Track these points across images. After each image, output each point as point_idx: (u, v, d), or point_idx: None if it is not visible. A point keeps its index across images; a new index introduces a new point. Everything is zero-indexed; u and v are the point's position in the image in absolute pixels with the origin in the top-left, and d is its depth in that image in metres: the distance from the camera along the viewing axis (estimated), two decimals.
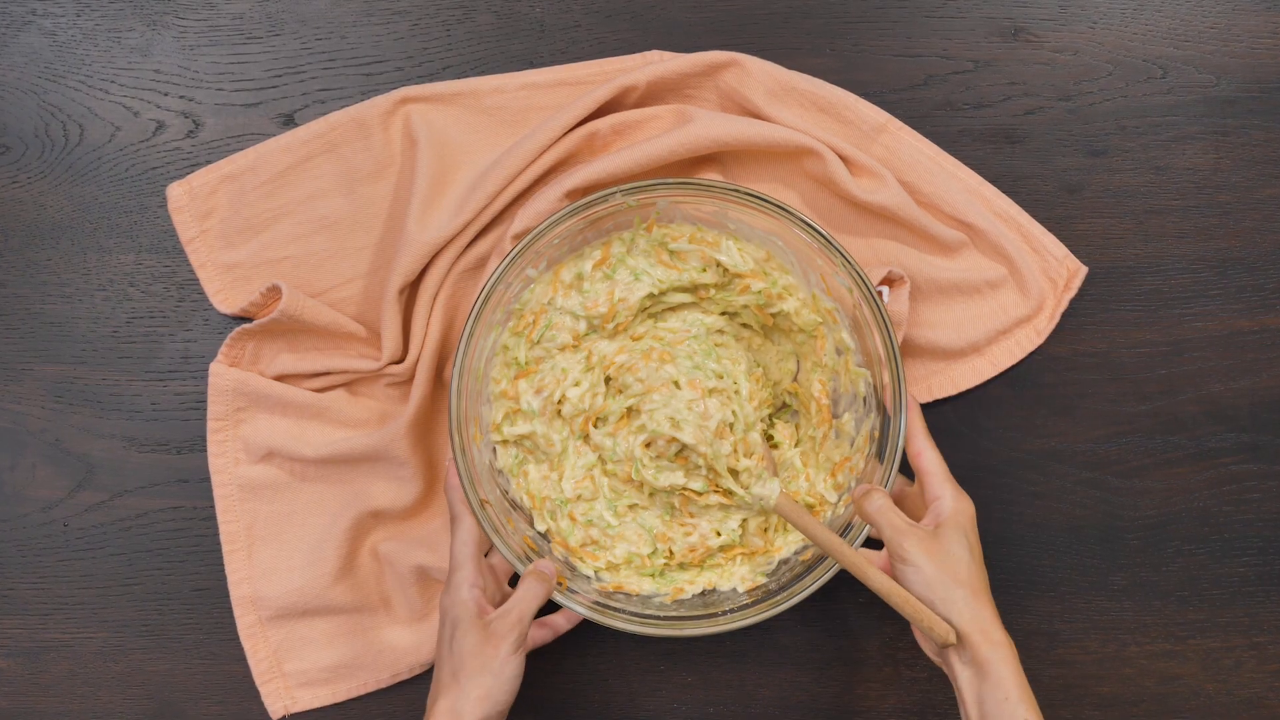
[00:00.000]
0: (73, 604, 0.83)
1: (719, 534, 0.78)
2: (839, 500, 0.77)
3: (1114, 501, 0.83)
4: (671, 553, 0.78)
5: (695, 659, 0.83)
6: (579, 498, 0.78)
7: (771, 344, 0.81)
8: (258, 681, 0.81)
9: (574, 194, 0.79)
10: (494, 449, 0.78)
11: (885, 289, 0.80)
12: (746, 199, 0.73)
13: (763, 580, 0.76)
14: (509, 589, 0.77)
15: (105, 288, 0.83)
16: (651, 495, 0.79)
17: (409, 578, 0.81)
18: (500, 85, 0.83)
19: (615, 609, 0.72)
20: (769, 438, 0.81)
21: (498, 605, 0.71)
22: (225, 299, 0.83)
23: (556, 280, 0.77)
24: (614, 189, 0.73)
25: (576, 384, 0.77)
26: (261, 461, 0.82)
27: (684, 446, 0.76)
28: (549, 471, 0.79)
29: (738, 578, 0.77)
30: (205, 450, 0.82)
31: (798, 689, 0.83)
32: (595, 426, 0.78)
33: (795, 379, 0.80)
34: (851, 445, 0.77)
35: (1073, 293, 0.83)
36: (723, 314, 0.80)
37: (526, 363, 0.77)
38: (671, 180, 0.73)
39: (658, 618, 0.73)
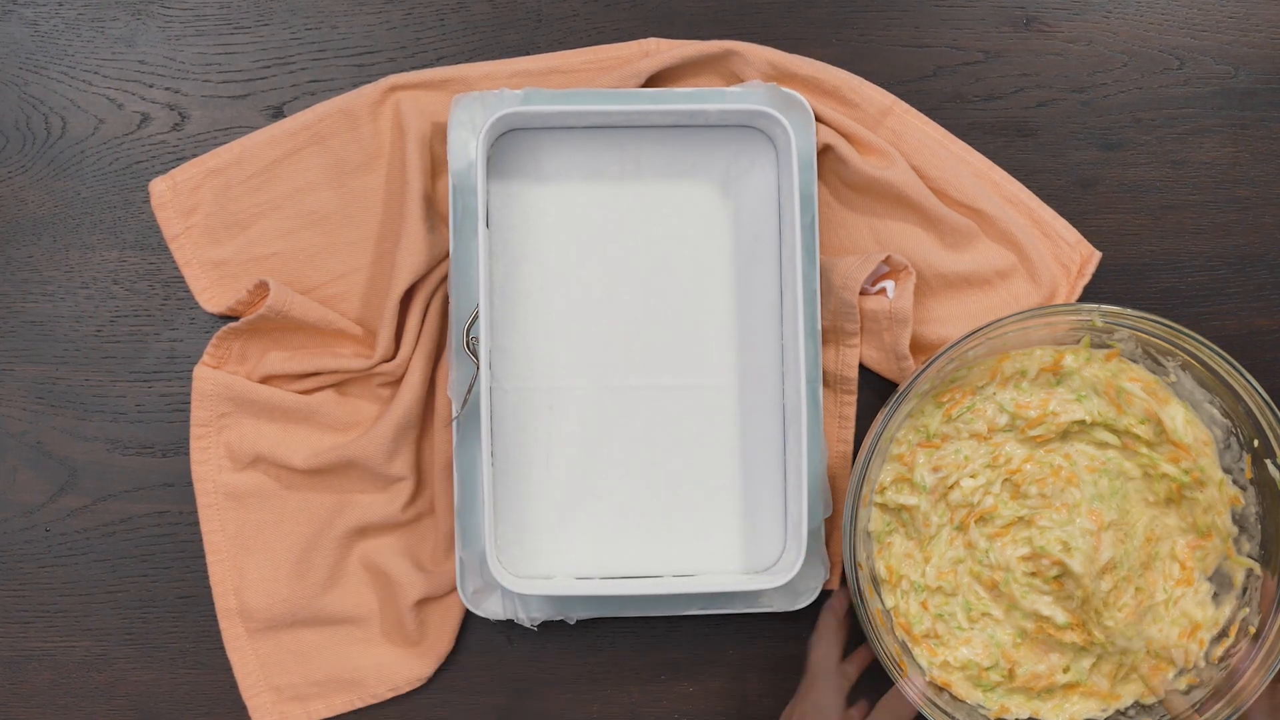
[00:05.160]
0: (54, 612, 0.81)
1: (1067, 670, 0.76)
2: (1181, 669, 0.75)
3: None
4: (1013, 674, 0.76)
5: (696, 668, 0.81)
6: (939, 589, 0.76)
7: (1167, 513, 0.77)
8: (245, 695, 0.79)
9: None
10: (870, 511, 0.76)
11: (890, 284, 0.78)
12: (1211, 353, 0.71)
13: None
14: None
15: (88, 285, 0.81)
16: (1007, 611, 0.76)
17: (402, 587, 0.78)
18: (491, 72, 0.80)
19: (945, 711, 0.72)
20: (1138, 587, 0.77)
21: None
22: (212, 297, 0.80)
23: (998, 368, 0.75)
24: (1094, 306, 0.71)
25: (974, 475, 0.75)
26: (247, 468, 0.79)
27: (1064, 573, 0.74)
28: (914, 550, 0.77)
29: (1067, 716, 0.75)
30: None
31: None
32: (977, 524, 0.76)
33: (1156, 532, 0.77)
34: (1207, 618, 0.75)
35: (1086, 279, 0.81)
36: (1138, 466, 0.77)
37: (933, 435, 0.76)
38: (1153, 318, 0.70)
39: None
